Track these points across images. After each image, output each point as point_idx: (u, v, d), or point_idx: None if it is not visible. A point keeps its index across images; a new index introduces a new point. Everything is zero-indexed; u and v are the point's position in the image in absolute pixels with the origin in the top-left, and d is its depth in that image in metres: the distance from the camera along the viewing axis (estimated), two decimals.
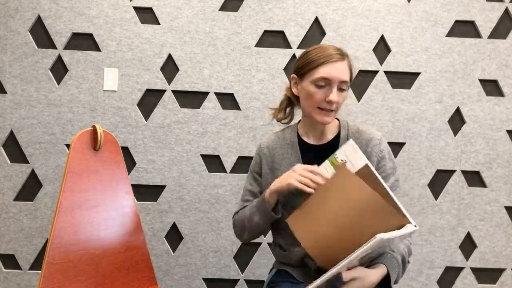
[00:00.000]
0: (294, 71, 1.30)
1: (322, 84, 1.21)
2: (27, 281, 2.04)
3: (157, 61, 2.07)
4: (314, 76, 1.22)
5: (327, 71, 1.20)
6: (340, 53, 1.24)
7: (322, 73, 1.20)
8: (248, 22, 2.08)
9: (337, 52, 1.23)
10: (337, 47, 1.26)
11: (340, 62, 1.21)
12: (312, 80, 1.22)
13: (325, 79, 1.20)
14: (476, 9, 2.10)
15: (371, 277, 1.06)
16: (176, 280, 2.07)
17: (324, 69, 1.20)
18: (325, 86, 1.21)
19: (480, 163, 2.09)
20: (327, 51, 1.23)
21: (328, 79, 1.20)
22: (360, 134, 1.29)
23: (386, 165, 1.27)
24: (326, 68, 1.20)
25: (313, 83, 1.22)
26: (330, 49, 1.23)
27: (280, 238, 1.34)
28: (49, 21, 2.05)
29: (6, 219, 2.04)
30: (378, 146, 1.27)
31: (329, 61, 1.20)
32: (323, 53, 1.22)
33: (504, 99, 2.10)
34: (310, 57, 1.24)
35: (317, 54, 1.23)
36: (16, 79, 2.05)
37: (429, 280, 2.09)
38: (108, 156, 1.40)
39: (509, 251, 2.10)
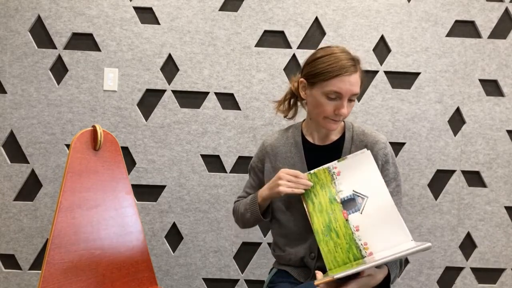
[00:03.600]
0: (304, 76, 1.27)
1: (333, 97, 1.20)
2: (27, 281, 2.04)
3: (157, 61, 2.07)
4: (326, 88, 1.20)
5: (340, 85, 1.18)
6: (353, 63, 1.20)
7: (335, 87, 1.18)
8: (248, 22, 2.08)
9: (351, 63, 1.20)
10: (349, 55, 1.22)
11: (353, 75, 1.19)
12: (324, 92, 1.20)
13: (337, 93, 1.19)
14: (476, 9, 2.10)
15: (378, 275, 1.09)
16: (176, 280, 2.07)
17: (337, 83, 1.18)
18: (336, 99, 1.20)
19: (480, 163, 2.09)
20: (341, 63, 1.19)
21: (340, 93, 1.19)
22: (365, 137, 1.29)
23: (389, 169, 1.27)
24: (339, 82, 1.18)
25: (324, 95, 1.21)
26: (343, 59, 1.19)
27: (279, 238, 1.34)
28: (49, 21, 2.05)
29: (6, 219, 2.04)
30: (383, 150, 1.27)
31: (342, 74, 1.18)
32: (337, 65, 1.19)
33: (504, 99, 2.10)
34: (323, 67, 1.21)
35: (331, 64, 1.19)
36: (16, 79, 2.05)
37: (429, 280, 2.09)
38: (108, 156, 1.40)
39: (509, 251, 2.10)
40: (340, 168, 1.20)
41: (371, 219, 1.13)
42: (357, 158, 1.19)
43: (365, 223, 1.13)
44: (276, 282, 1.31)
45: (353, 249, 1.12)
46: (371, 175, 1.17)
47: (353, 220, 1.14)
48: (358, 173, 1.18)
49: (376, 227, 1.12)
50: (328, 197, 1.18)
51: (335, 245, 1.14)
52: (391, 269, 1.14)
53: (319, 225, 1.16)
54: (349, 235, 1.13)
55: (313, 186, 1.20)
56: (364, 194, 1.16)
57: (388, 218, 1.12)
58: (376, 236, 1.12)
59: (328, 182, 1.20)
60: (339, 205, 1.17)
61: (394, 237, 1.09)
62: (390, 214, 1.12)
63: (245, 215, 1.33)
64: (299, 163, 1.30)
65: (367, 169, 1.17)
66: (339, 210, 1.16)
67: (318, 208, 1.18)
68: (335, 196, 1.18)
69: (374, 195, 1.15)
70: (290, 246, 1.30)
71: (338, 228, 1.15)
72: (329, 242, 1.14)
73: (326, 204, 1.18)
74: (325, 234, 1.15)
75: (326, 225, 1.16)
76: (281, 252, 1.33)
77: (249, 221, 1.34)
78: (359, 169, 1.18)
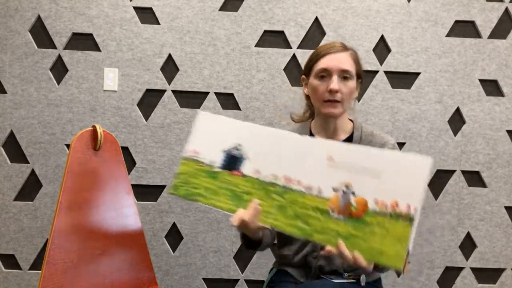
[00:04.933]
0: (303, 72, 1.32)
1: (323, 75, 1.21)
2: (27, 281, 2.04)
3: (157, 61, 2.07)
4: (315, 70, 1.23)
5: (326, 61, 1.21)
6: (342, 45, 1.24)
7: (322, 64, 1.21)
8: (248, 22, 2.08)
9: (339, 44, 1.24)
10: (340, 42, 1.27)
11: (340, 53, 1.22)
12: (315, 74, 1.23)
13: (325, 70, 1.21)
14: (476, 9, 2.10)
15: None
16: (176, 280, 2.07)
17: (324, 60, 1.22)
18: (327, 77, 1.21)
19: (480, 163, 2.09)
20: (329, 45, 1.24)
21: (327, 70, 1.21)
22: (373, 138, 1.28)
23: None
24: (325, 59, 1.21)
25: (316, 77, 1.23)
26: (332, 43, 1.25)
27: (280, 238, 1.33)
28: (49, 21, 2.05)
29: (6, 219, 2.04)
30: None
31: (328, 52, 1.22)
32: (324, 47, 1.25)
33: (504, 99, 2.10)
34: (313, 53, 1.27)
35: (319, 49, 1.26)
36: (16, 79, 2.05)
37: (429, 280, 2.09)
38: (108, 156, 1.40)
39: (509, 251, 2.10)
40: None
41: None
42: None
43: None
44: (276, 282, 1.30)
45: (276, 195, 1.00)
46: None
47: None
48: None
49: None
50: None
51: (281, 213, 1.00)
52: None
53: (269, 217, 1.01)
54: (265, 189, 1.02)
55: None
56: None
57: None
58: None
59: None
60: (223, 172, 1.06)
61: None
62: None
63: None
64: None
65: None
66: (228, 176, 1.06)
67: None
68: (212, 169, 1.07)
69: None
70: (293, 244, 1.28)
71: (250, 195, 1.03)
72: (279, 217, 1.00)
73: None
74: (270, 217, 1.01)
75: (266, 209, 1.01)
76: (284, 251, 1.32)
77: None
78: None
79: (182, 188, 1.10)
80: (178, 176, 1.11)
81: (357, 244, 0.91)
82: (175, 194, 1.10)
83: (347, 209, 0.93)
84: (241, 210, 1.02)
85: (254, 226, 1.01)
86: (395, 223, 0.88)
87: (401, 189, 0.89)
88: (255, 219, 1.01)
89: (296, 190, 0.99)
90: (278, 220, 1.00)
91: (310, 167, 1.00)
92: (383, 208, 0.89)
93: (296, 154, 1.02)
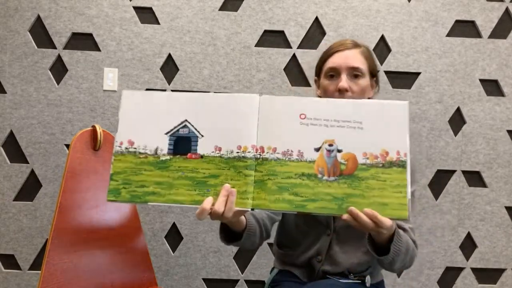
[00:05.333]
0: (315, 73, 1.27)
1: (332, 74, 1.16)
2: (27, 281, 2.04)
3: (157, 61, 2.07)
4: (325, 69, 1.18)
5: (334, 60, 1.16)
6: (353, 42, 1.19)
7: (330, 63, 1.16)
8: (248, 22, 2.08)
9: (350, 42, 1.19)
10: (351, 39, 1.21)
11: (349, 50, 1.16)
12: (324, 73, 1.18)
13: (333, 68, 1.16)
14: (476, 9, 2.09)
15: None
16: (176, 281, 2.06)
17: (332, 58, 1.17)
18: (336, 76, 1.16)
19: (480, 163, 2.09)
20: (338, 42, 1.19)
21: (335, 68, 1.15)
22: None
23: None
24: (334, 58, 1.16)
25: (325, 76, 1.18)
26: (343, 41, 1.19)
27: (285, 237, 1.30)
28: (49, 21, 2.05)
29: (6, 219, 2.04)
30: None
31: (337, 50, 1.17)
32: (334, 45, 1.19)
33: (504, 99, 2.10)
34: (323, 52, 1.21)
35: (329, 47, 1.20)
36: (16, 79, 2.04)
37: (430, 281, 2.08)
38: (108, 156, 1.40)
39: (509, 251, 2.09)
40: None
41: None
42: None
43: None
44: (279, 281, 1.26)
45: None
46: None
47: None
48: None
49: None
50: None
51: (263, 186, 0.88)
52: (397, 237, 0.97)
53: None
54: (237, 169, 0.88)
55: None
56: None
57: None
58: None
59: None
60: (174, 159, 0.91)
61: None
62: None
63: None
64: None
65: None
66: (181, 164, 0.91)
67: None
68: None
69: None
70: (297, 245, 1.25)
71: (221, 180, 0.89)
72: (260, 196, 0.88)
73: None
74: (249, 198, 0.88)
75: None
76: (288, 251, 1.28)
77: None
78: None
79: (125, 190, 0.91)
80: (114, 177, 0.91)
81: (357, 203, 0.85)
82: (117, 200, 0.91)
83: (336, 168, 0.86)
84: (208, 198, 0.88)
85: (230, 214, 0.87)
86: (390, 171, 0.84)
87: (387, 137, 0.85)
88: (231, 205, 0.87)
89: (272, 159, 0.87)
90: (259, 198, 0.87)
91: (282, 129, 0.88)
92: (374, 160, 0.85)
93: (261, 118, 0.89)
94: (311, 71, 2.06)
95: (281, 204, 0.87)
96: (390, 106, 0.87)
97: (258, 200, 0.87)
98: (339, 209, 0.85)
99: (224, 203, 0.87)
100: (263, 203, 0.87)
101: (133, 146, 0.92)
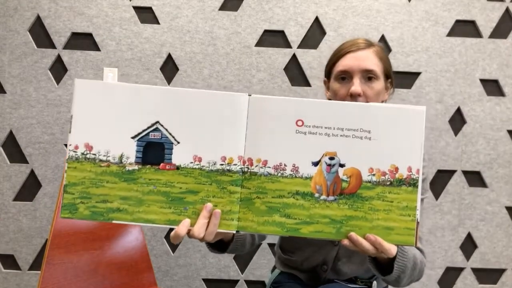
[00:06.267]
0: (324, 74, 1.20)
1: (344, 76, 1.08)
2: (27, 281, 2.03)
3: (156, 60, 2.07)
4: (335, 71, 1.10)
5: (346, 61, 1.07)
6: (366, 42, 1.11)
7: (341, 65, 1.08)
8: (248, 21, 2.08)
9: (362, 41, 1.10)
10: (364, 38, 1.13)
11: (361, 51, 1.08)
12: (335, 75, 1.10)
13: (344, 71, 1.07)
14: (476, 9, 2.09)
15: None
16: (176, 281, 2.06)
17: (343, 61, 1.08)
18: (348, 79, 1.07)
19: (481, 163, 2.09)
20: (350, 42, 1.11)
21: (347, 71, 1.07)
22: None
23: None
24: (346, 59, 1.08)
25: (336, 79, 1.10)
26: (355, 40, 1.11)
27: (286, 243, 1.26)
28: (49, 21, 2.05)
29: (5, 219, 2.03)
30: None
31: (349, 51, 1.08)
32: (345, 44, 1.11)
33: (505, 99, 2.09)
34: (333, 52, 1.13)
35: (340, 47, 1.12)
36: (16, 79, 2.04)
37: (430, 281, 2.08)
38: None
39: (510, 251, 2.09)
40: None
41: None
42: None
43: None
44: (283, 282, 1.22)
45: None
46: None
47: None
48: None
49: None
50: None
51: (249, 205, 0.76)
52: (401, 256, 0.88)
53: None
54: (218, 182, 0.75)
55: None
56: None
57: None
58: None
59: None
60: (144, 170, 0.76)
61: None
62: None
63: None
64: None
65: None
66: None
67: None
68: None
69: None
70: (301, 252, 1.19)
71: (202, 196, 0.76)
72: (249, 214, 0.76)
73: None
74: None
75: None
76: (291, 256, 1.23)
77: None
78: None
79: (83, 206, 0.76)
80: (69, 189, 0.76)
81: (358, 227, 0.75)
82: (73, 217, 0.76)
83: (337, 186, 0.75)
84: (185, 221, 0.75)
85: (211, 237, 0.76)
86: (398, 191, 0.74)
87: (398, 149, 0.74)
88: (214, 229, 0.75)
89: (262, 174, 0.75)
90: (246, 219, 0.76)
91: (274, 138, 0.75)
92: (381, 177, 0.74)
93: (250, 123, 0.75)
94: (311, 70, 2.07)
95: (271, 227, 0.75)
96: (407, 112, 0.75)
97: (244, 222, 0.76)
98: (337, 233, 0.75)
99: (205, 227, 0.75)
100: (250, 225, 0.76)
101: (92, 152, 0.75)
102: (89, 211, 0.75)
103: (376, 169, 0.74)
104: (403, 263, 0.88)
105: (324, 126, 0.74)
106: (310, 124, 0.74)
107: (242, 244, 1.01)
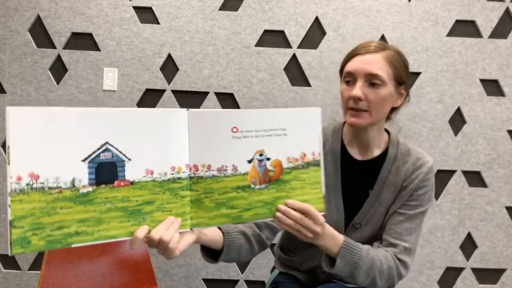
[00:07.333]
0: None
1: (349, 79, 1.07)
2: (27, 281, 2.03)
3: (156, 60, 2.07)
4: (343, 73, 1.10)
5: (352, 64, 1.07)
6: (378, 45, 1.08)
7: (348, 67, 1.08)
8: (248, 21, 2.08)
9: (374, 44, 1.08)
10: (380, 42, 1.12)
11: (370, 54, 1.06)
12: (342, 77, 1.11)
13: (349, 73, 1.07)
14: (476, 9, 2.09)
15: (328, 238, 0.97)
16: (176, 281, 2.06)
17: (351, 63, 1.07)
18: (352, 82, 1.07)
19: (480, 163, 2.09)
20: (362, 44, 1.09)
21: (351, 73, 1.06)
22: (409, 157, 1.13)
23: (422, 195, 1.12)
24: (353, 62, 1.07)
25: (343, 80, 1.10)
26: (368, 43, 1.09)
27: (287, 243, 1.27)
28: (49, 21, 2.05)
29: (6, 219, 2.03)
30: (424, 175, 1.10)
31: (358, 54, 1.07)
32: (357, 46, 1.10)
33: (504, 99, 2.09)
34: (347, 53, 1.12)
35: (353, 48, 1.11)
36: (16, 79, 2.04)
37: (430, 281, 2.08)
38: None
39: (509, 251, 2.09)
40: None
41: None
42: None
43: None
44: (282, 282, 1.23)
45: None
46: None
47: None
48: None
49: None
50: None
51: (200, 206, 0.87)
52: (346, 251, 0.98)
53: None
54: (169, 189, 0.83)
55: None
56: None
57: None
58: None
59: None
60: (99, 190, 0.78)
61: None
62: None
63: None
64: (334, 174, 1.14)
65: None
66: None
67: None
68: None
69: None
70: (301, 252, 1.20)
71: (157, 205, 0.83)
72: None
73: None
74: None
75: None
76: (291, 256, 1.24)
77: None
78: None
79: (36, 238, 0.72)
80: (17, 223, 0.70)
81: (283, 203, 0.92)
82: (26, 251, 0.72)
83: (266, 175, 0.90)
84: (143, 227, 0.81)
85: (171, 238, 0.84)
86: (308, 171, 0.93)
87: (304, 141, 0.93)
88: (172, 230, 0.84)
89: (208, 177, 0.86)
90: (197, 217, 0.87)
91: (215, 145, 0.86)
92: (295, 162, 0.93)
93: (191, 135, 0.85)
94: (311, 70, 2.07)
95: (219, 219, 0.88)
96: (309, 111, 0.94)
97: (196, 219, 0.88)
98: (270, 212, 0.91)
99: (164, 230, 0.83)
100: (202, 221, 0.88)
101: (38, 181, 0.72)
102: (44, 241, 0.73)
103: (292, 157, 0.92)
104: (351, 259, 0.99)
105: (254, 130, 0.89)
106: (243, 129, 0.88)
107: (237, 252, 1.04)
